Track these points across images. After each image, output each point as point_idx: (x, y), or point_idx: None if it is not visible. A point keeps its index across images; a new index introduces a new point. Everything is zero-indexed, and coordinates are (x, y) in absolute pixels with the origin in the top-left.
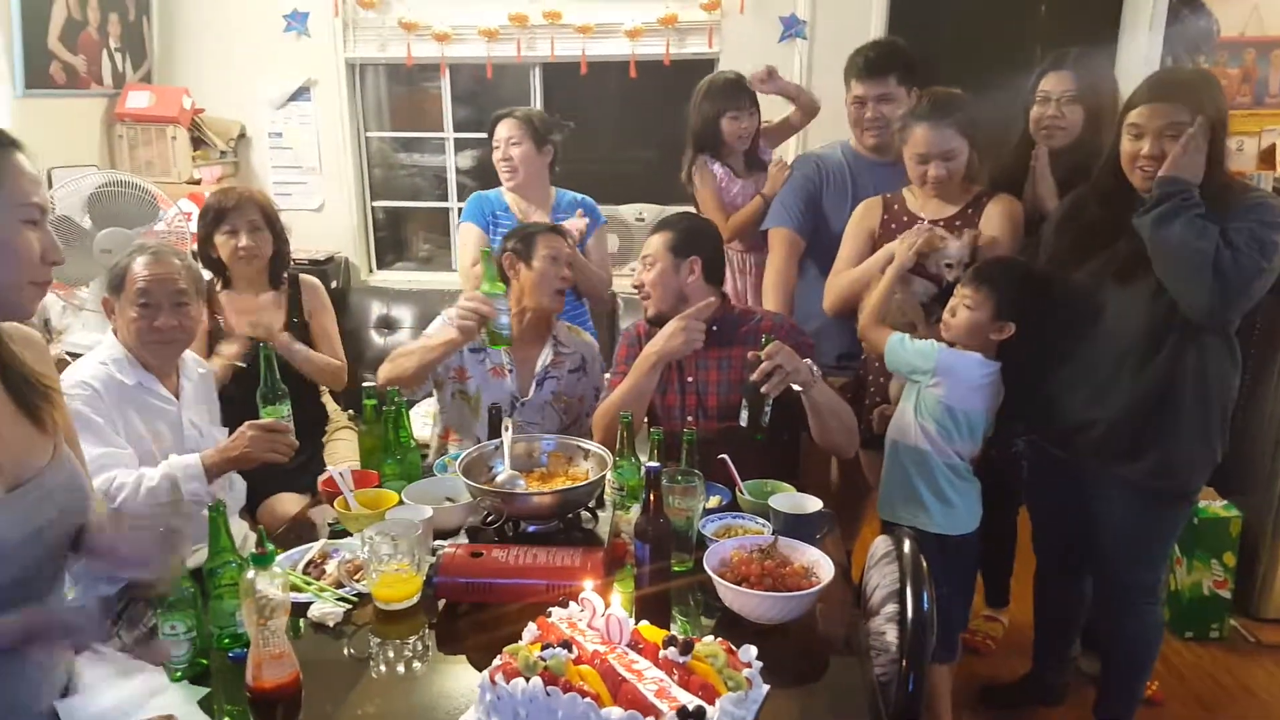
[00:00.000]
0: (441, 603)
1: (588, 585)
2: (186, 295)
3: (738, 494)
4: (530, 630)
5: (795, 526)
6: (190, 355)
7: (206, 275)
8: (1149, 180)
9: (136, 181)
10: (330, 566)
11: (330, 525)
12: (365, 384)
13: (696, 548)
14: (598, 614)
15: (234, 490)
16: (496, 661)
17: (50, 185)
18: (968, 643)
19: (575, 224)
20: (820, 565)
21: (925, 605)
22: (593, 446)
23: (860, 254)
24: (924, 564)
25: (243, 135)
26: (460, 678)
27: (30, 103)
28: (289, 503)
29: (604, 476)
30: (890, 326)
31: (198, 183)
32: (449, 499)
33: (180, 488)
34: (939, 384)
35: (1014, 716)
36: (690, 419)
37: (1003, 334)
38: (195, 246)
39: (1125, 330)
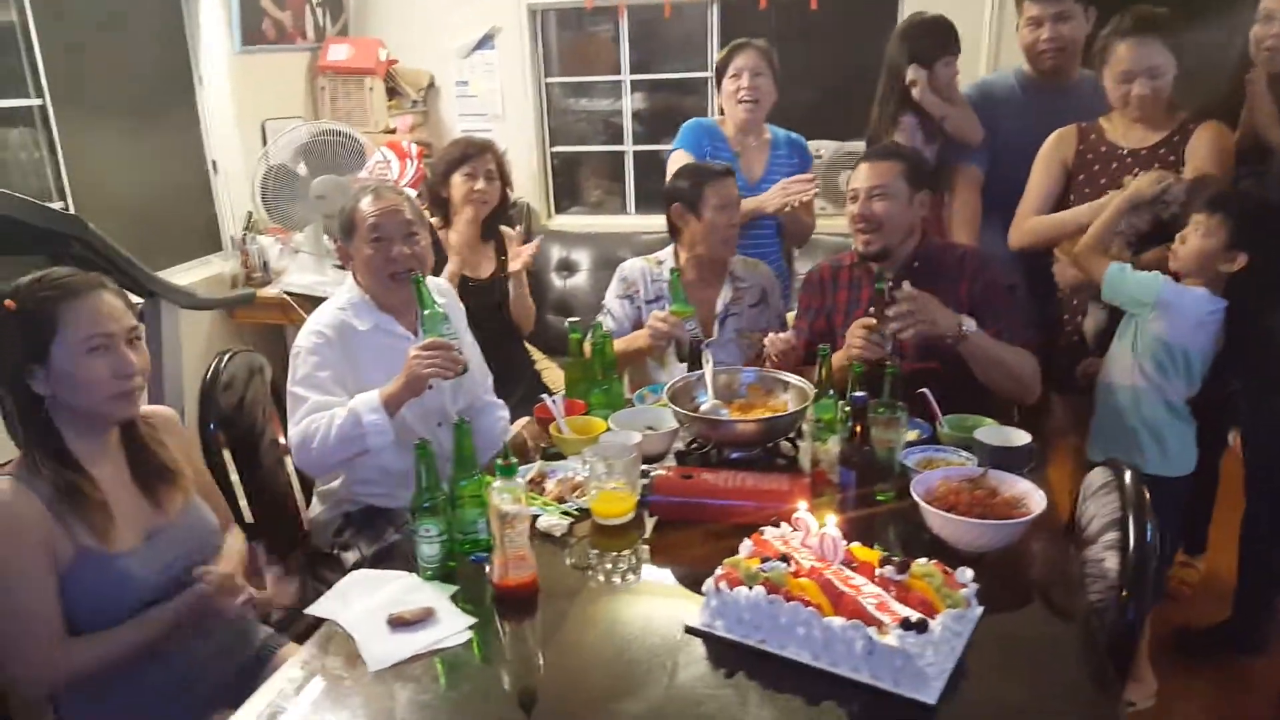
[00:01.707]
0: (652, 520)
1: (801, 506)
2: (415, 225)
3: (938, 428)
4: (746, 545)
5: (1002, 459)
6: (432, 282)
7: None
8: None
9: (346, 130)
10: (550, 485)
11: (544, 448)
12: (570, 320)
13: (898, 479)
14: (811, 533)
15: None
16: (718, 571)
17: (265, 138)
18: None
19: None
20: (1030, 497)
21: (1149, 534)
22: (791, 379)
23: (1053, 187)
24: (1146, 493)
25: (431, 85)
26: (672, 587)
27: (246, 58)
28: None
29: (806, 407)
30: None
31: (393, 131)
32: (650, 427)
33: (362, 422)
34: (1159, 319)
35: (1211, 663)
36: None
37: (1234, 265)
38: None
39: None
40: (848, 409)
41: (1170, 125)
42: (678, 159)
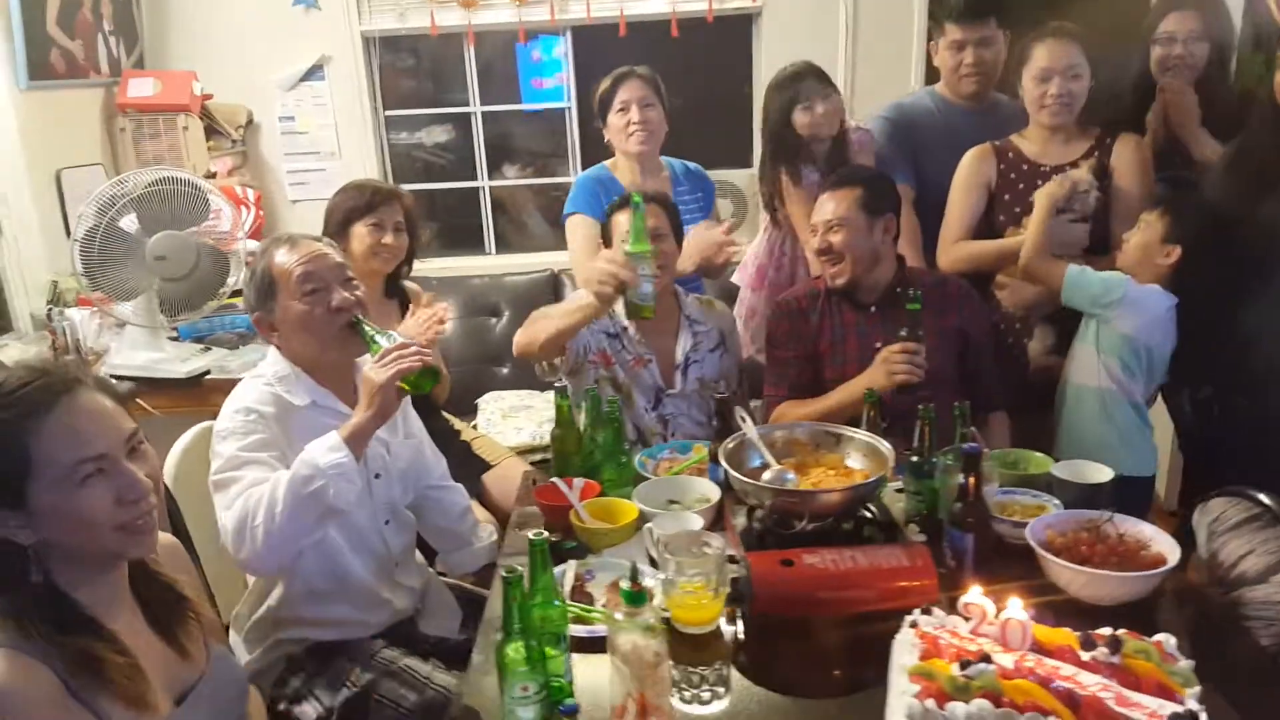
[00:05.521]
0: (740, 622)
1: (975, 590)
2: (348, 269)
3: None
4: (914, 644)
5: (1089, 499)
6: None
7: None
8: None
9: (187, 178)
10: (598, 592)
11: (555, 542)
12: (556, 385)
13: None
14: (987, 618)
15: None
16: (912, 688)
17: (61, 191)
18: None
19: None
20: (1157, 539)
21: None
22: (844, 431)
23: (978, 208)
24: None
25: (250, 121)
26: (815, 703)
27: (34, 95)
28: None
29: (886, 471)
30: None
31: (213, 175)
32: (672, 501)
33: (320, 467)
34: (1123, 317)
35: None
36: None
37: (1170, 258)
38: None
39: None
40: (950, 463)
41: (1088, 140)
42: (576, 223)
